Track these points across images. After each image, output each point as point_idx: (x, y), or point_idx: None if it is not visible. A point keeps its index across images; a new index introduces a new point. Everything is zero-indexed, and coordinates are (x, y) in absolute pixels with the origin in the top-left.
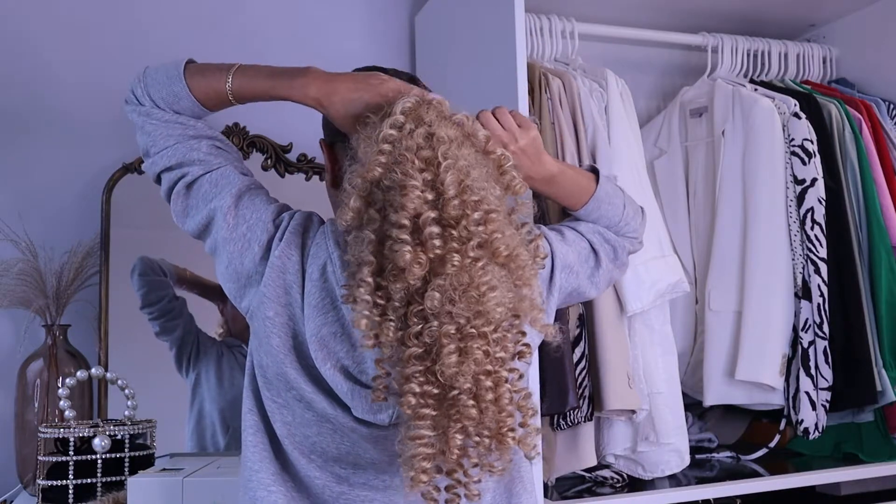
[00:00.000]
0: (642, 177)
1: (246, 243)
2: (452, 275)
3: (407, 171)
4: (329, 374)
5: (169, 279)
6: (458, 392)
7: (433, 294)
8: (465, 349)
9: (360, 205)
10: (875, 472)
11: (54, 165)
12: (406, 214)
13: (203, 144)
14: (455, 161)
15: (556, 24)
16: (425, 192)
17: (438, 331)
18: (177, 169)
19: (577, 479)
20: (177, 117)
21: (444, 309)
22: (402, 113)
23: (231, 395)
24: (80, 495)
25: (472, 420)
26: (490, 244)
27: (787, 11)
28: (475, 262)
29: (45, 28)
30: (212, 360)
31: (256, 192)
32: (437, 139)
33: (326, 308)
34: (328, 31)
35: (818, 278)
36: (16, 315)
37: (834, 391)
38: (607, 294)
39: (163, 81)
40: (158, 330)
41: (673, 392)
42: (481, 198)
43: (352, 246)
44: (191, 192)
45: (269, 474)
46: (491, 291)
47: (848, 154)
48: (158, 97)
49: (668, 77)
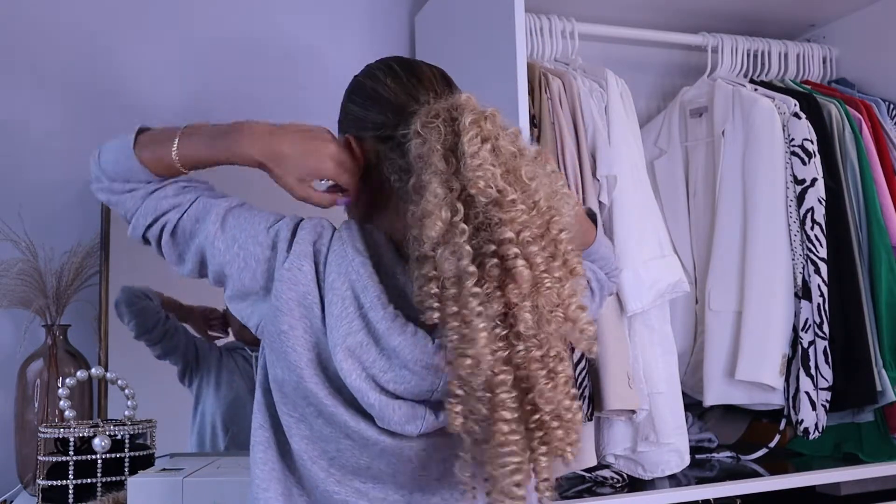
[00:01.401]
0: (642, 177)
1: (242, 262)
2: (545, 295)
3: (500, 185)
4: (356, 385)
5: (156, 302)
6: (541, 415)
7: (525, 316)
8: (552, 372)
9: (449, 216)
10: (875, 472)
11: (54, 165)
12: (510, 229)
13: (168, 190)
14: (539, 179)
15: (556, 24)
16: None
17: (527, 355)
18: (155, 224)
19: (577, 479)
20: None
21: (533, 332)
22: (471, 125)
23: (230, 398)
24: (80, 495)
25: (561, 441)
26: (569, 262)
27: (787, 11)
28: (562, 282)
29: (46, 28)
30: (212, 364)
31: (240, 210)
32: (509, 154)
33: (351, 316)
34: (328, 32)
35: (818, 278)
36: (16, 315)
37: (834, 391)
38: None
39: (118, 159)
40: (160, 353)
41: (673, 392)
42: (562, 216)
43: (441, 260)
44: (176, 238)
45: (278, 494)
46: (581, 311)
47: (848, 154)
48: (113, 173)
49: (668, 77)
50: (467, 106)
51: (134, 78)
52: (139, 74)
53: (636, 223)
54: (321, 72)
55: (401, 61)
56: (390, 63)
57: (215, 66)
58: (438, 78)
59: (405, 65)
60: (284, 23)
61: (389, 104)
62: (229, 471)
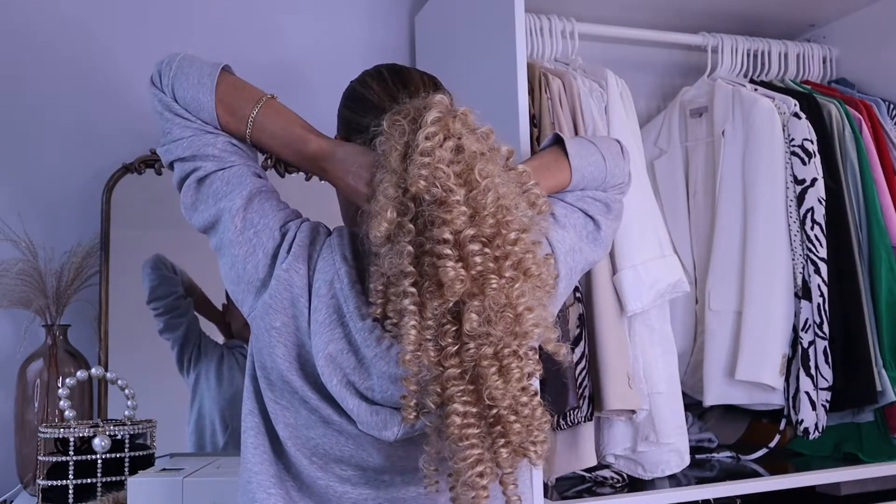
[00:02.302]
0: (642, 177)
1: (251, 248)
2: (491, 295)
3: (447, 185)
4: (336, 390)
5: (179, 279)
6: (499, 410)
7: (471, 316)
8: (504, 368)
9: (395, 216)
10: (875, 472)
11: (54, 165)
12: (449, 230)
13: (220, 140)
14: (492, 178)
15: (556, 24)
16: (465, 207)
17: (477, 353)
18: (190, 161)
19: (577, 479)
20: (195, 121)
21: (482, 330)
22: (433, 123)
23: (230, 395)
24: (80, 495)
25: (519, 435)
26: (522, 263)
27: (787, 11)
28: (512, 282)
29: (46, 28)
30: (213, 360)
31: (268, 197)
32: (469, 154)
33: (334, 324)
34: (328, 32)
35: (818, 278)
36: (16, 315)
37: (834, 391)
38: (607, 294)
39: (192, 83)
40: (162, 326)
41: (673, 392)
42: (514, 217)
43: (385, 258)
44: (202, 188)
45: (269, 476)
46: (529, 312)
47: (848, 154)
48: (181, 96)
49: (668, 77)
50: (435, 104)
51: (135, 78)
52: (141, 75)
53: (636, 223)
54: (322, 72)
55: (391, 68)
56: (380, 69)
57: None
58: (427, 84)
59: (394, 71)
60: (284, 23)
61: (373, 107)
62: (229, 471)
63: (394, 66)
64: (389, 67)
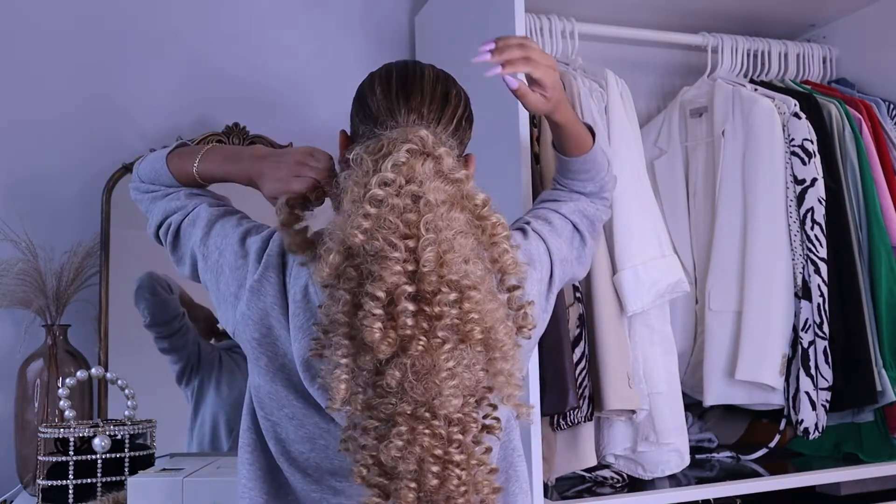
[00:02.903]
0: (642, 177)
1: (219, 269)
2: (416, 356)
3: (389, 238)
4: (317, 394)
5: (177, 297)
6: (401, 472)
7: (394, 372)
8: (415, 430)
9: (340, 261)
10: (875, 472)
11: (54, 165)
12: (382, 286)
13: (181, 193)
14: (438, 233)
15: (556, 24)
16: (406, 263)
17: (394, 409)
18: (164, 223)
19: (577, 479)
20: (156, 187)
21: (402, 388)
22: (395, 166)
23: (233, 398)
24: (80, 495)
25: (409, 502)
26: (463, 326)
27: (787, 11)
28: (442, 345)
29: (46, 28)
30: (213, 365)
31: (227, 219)
32: (423, 203)
33: (310, 329)
34: (328, 32)
35: (818, 278)
36: (16, 315)
37: (834, 391)
38: (607, 294)
39: (153, 164)
40: (167, 347)
41: (673, 392)
42: (462, 274)
43: (326, 301)
44: (178, 240)
45: (262, 493)
46: (450, 379)
47: (848, 154)
48: (145, 176)
49: (668, 77)
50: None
51: (136, 79)
52: (141, 76)
53: (636, 223)
54: (322, 72)
55: (401, 72)
56: (391, 72)
57: (217, 67)
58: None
59: (403, 77)
60: (284, 24)
61: (370, 116)
62: (229, 471)
63: (405, 70)
64: (401, 72)
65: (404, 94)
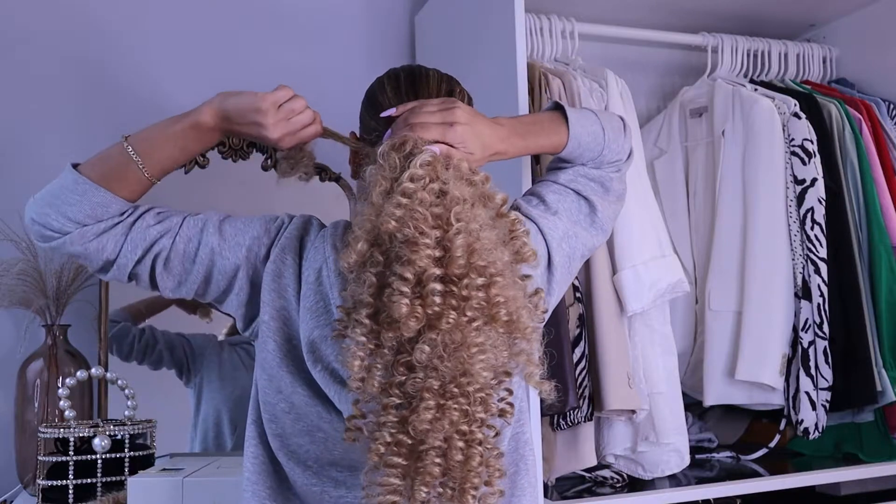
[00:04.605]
0: (642, 177)
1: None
2: (446, 331)
3: (420, 227)
4: (319, 377)
5: (123, 322)
6: (428, 448)
7: (423, 347)
8: (444, 406)
9: (367, 248)
10: (875, 472)
11: (54, 165)
12: (412, 270)
13: (149, 219)
14: (467, 223)
15: (556, 24)
16: (434, 249)
17: (422, 384)
18: (146, 256)
19: (577, 479)
20: (108, 222)
21: (431, 363)
22: (422, 166)
23: (236, 394)
24: (80, 495)
25: (434, 477)
26: (490, 308)
27: (787, 11)
28: (471, 323)
29: (46, 28)
30: (213, 361)
31: (229, 220)
32: (450, 198)
33: (320, 311)
34: (328, 32)
35: (818, 278)
36: (16, 315)
37: (834, 391)
38: (607, 294)
39: (74, 198)
40: (152, 367)
41: (673, 392)
42: (488, 262)
43: (351, 284)
44: (171, 264)
45: (266, 487)
46: (480, 353)
47: (848, 154)
48: (83, 216)
49: (668, 77)
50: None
51: (136, 79)
52: (142, 75)
53: (636, 223)
54: (322, 72)
55: (409, 74)
56: (399, 73)
57: (217, 67)
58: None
59: (412, 77)
60: (284, 24)
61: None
62: (229, 471)
63: (413, 72)
64: (408, 73)
65: (413, 92)
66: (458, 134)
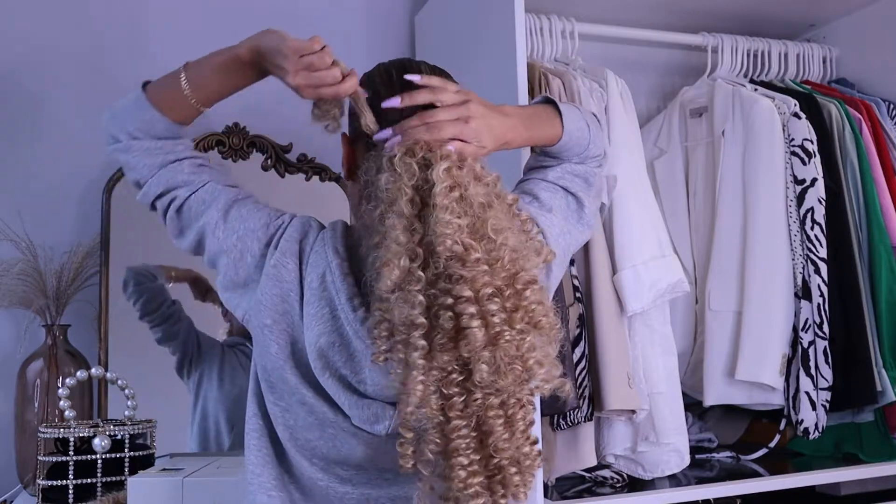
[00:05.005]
0: (642, 177)
1: (238, 254)
2: (503, 347)
3: (468, 242)
4: (328, 384)
5: (161, 282)
6: (500, 461)
7: (481, 367)
8: (510, 419)
9: (408, 264)
10: (875, 472)
11: (54, 165)
12: (469, 288)
13: (185, 165)
14: (504, 233)
15: (556, 24)
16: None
17: (484, 403)
18: (166, 195)
19: (577, 479)
20: (156, 143)
21: (490, 380)
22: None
23: (234, 394)
24: (80, 495)
25: (517, 487)
26: (533, 316)
27: (787, 11)
28: (523, 335)
29: (46, 28)
30: (214, 360)
31: (244, 203)
32: (477, 205)
33: (325, 317)
34: (328, 32)
35: (818, 278)
36: (16, 315)
37: (834, 391)
38: (607, 294)
39: (132, 112)
40: (161, 336)
41: (673, 392)
42: (523, 269)
43: (394, 306)
44: (181, 215)
45: (271, 478)
46: (539, 367)
47: (848, 154)
48: (134, 128)
49: (668, 77)
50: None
51: (136, 78)
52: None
53: (636, 223)
54: None
55: (401, 67)
56: (391, 70)
57: None
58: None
59: (403, 71)
60: (283, 24)
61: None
62: (229, 471)
63: (403, 66)
64: (399, 67)
65: (406, 86)
66: (472, 129)
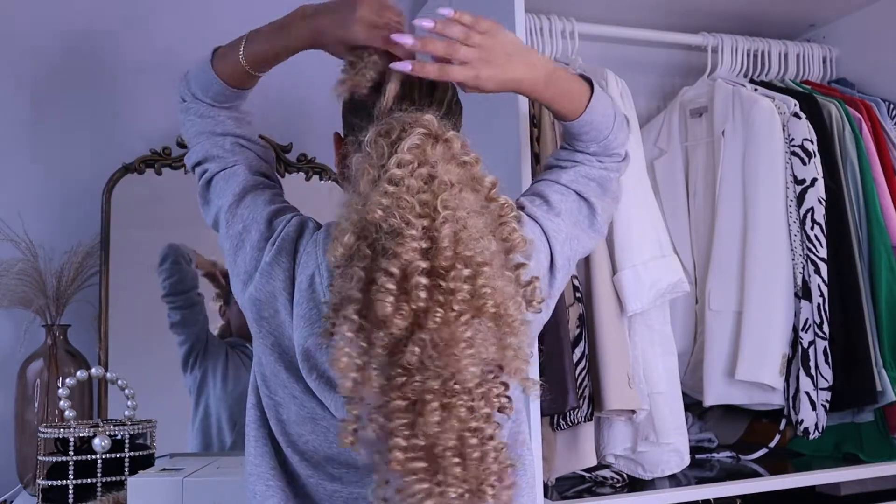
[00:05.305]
0: (642, 177)
1: (240, 242)
2: (434, 329)
3: (406, 216)
4: (314, 385)
5: (195, 272)
6: (443, 449)
7: (412, 349)
8: (449, 405)
9: (354, 241)
10: (875, 472)
11: (55, 165)
12: (397, 263)
13: (227, 141)
14: (454, 211)
15: (556, 24)
16: (421, 241)
17: (422, 386)
18: (203, 164)
19: (577, 479)
20: (210, 110)
21: (423, 364)
22: (410, 148)
23: (237, 393)
24: (80, 495)
25: (457, 478)
26: (477, 299)
27: (787, 11)
28: (458, 318)
29: (46, 28)
30: (219, 358)
31: (261, 192)
32: (438, 183)
33: (313, 319)
34: None
35: (818, 278)
36: (16, 315)
37: (834, 391)
38: (607, 294)
39: (196, 73)
40: (178, 321)
41: (673, 392)
42: (475, 251)
43: (338, 280)
44: (209, 188)
45: (269, 468)
46: (468, 349)
47: (848, 154)
48: (197, 88)
49: (668, 77)
50: (420, 126)
51: (136, 79)
52: (142, 76)
53: (636, 223)
54: (321, 72)
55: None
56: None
57: None
58: (423, 81)
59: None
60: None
61: (365, 110)
62: (229, 471)
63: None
64: None
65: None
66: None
